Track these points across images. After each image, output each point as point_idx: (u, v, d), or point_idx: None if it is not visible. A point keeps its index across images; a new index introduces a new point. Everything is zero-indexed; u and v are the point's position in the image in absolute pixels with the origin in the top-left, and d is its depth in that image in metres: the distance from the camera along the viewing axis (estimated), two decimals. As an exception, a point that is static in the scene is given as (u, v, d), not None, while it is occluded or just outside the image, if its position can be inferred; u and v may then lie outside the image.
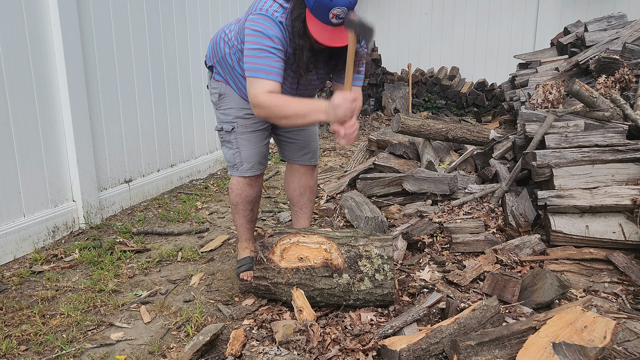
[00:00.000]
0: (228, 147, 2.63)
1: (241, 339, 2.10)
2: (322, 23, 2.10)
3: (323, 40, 2.12)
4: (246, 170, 2.62)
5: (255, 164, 2.62)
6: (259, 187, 2.71)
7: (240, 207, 2.71)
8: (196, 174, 4.72)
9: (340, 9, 2.04)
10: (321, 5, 2.04)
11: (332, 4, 2.03)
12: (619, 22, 5.01)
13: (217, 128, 2.64)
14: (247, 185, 2.66)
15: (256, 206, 2.77)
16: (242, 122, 2.55)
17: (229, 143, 2.62)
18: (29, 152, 3.09)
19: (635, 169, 2.76)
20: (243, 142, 2.58)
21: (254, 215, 2.78)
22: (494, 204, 3.21)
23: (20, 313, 2.41)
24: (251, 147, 2.59)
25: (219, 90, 2.57)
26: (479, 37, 8.78)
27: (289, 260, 2.32)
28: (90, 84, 3.49)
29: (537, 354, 1.68)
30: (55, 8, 3.12)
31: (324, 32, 2.11)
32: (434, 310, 2.19)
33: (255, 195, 2.71)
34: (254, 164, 2.62)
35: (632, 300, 2.30)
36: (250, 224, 2.78)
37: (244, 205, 2.71)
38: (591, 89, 3.27)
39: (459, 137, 4.24)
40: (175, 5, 4.31)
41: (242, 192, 2.67)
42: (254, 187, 2.68)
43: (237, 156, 2.60)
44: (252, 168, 2.62)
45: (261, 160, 2.65)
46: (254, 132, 2.58)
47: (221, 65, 2.53)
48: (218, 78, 2.57)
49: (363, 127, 7.49)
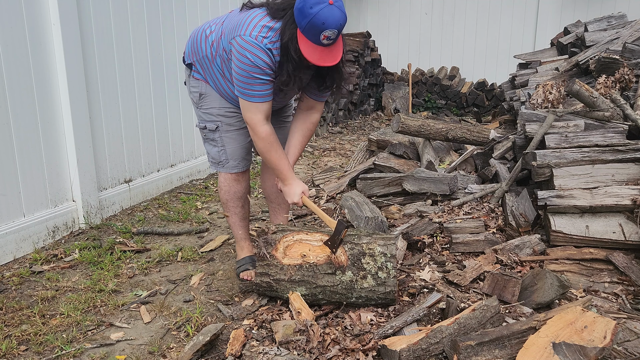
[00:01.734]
0: (212, 144, 2.65)
1: (241, 339, 2.10)
2: (312, 43, 2.17)
3: (313, 60, 2.19)
4: (232, 167, 2.66)
5: (240, 160, 2.66)
6: (246, 183, 2.74)
7: (230, 205, 2.73)
8: (196, 174, 4.72)
9: (332, 31, 2.13)
10: (313, 27, 2.11)
11: (324, 27, 2.11)
12: (619, 22, 5.01)
13: (199, 126, 2.67)
14: (235, 181, 2.69)
15: (246, 203, 2.78)
16: (226, 121, 2.58)
17: (212, 141, 2.64)
18: (29, 152, 3.09)
19: (635, 169, 2.76)
20: (228, 140, 2.62)
21: (245, 213, 2.79)
22: (494, 204, 3.21)
23: (20, 313, 2.41)
24: (236, 144, 2.63)
25: (199, 90, 2.59)
26: (479, 37, 8.78)
27: (292, 257, 2.33)
28: (90, 84, 3.49)
29: (537, 354, 1.68)
30: (55, 8, 3.12)
31: (315, 52, 2.18)
32: (434, 310, 2.19)
33: (244, 191, 2.74)
34: (240, 161, 2.66)
35: (632, 300, 2.30)
36: (243, 221, 2.79)
37: (234, 202, 2.73)
38: (591, 89, 3.27)
39: (459, 137, 4.24)
40: (175, 5, 4.31)
41: (230, 188, 2.70)
42: (242, 183, 2.72)
43: (222, 154, 2.64)
44: (238, 165, 2.67)
45: (246, 156, 2.68)
46: (239, 129, 2.61)
47: (201, 64, 2.54)
48: (197, 77, 2.58)
49: (363, 127, 7.49)
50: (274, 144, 2.41)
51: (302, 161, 5.56)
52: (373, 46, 8.30)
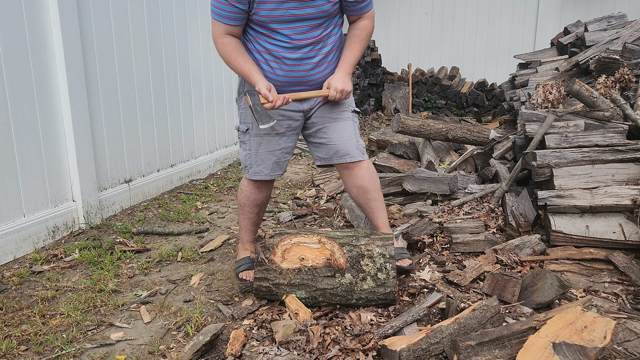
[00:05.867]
0: (243, 147, 2.61)
1: (241, 339, 2.10)
2: None
3: None
4: (255, 173, 2.59)
5: (264, 168, 2.58)
6: (267, 192, 2.69)
7: (246, 209, 2.70)
8: (196, 174, 4.72)
9: None
10: None
11: None
12: (619, 22, 5.01)
13: (235, 127, 2.65)
14: (256, 188, 2.64)
15: (262, 210, 2.75)
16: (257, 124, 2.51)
17: (243, 143, 2.61)
18: (29, 152, 3.09)
19: (635, 169, 2.76)
20: (255, 145, 2.55)
21: (258, 219, 2.76)
22: (494, 204, 3.21)
23: (20, 313, 2.41)
24: (262, 150, 2.55)
25: (240, 88, 2.57)
26: (479, 37, 8.78)
27: (291, 260, 2.32)
28: (90, 84, 3.49)
29: (537, 354, 1.68)
30: (55, 8, 3.12)
31: None
32: (434, 310, 2.19)
33: (263, 200, 2.69)
34: (263, 169, 2.58)
35: (632, 300, 2.30)
36: (253, 227, 2.76)
37: (250, 208, 2.69)
38: (591, 89, 3.27)
39: (459, 137, 4.24)
40: (175, 5, 4.31)
41: (250, 194, 2.66)
42: (262, 192, 2.66)
43: (248, 158, 2.59)
44: (261, 172, 2.58)
45: (273, 167, 2.58)
46: (268, 135, 2.52)
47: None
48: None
49: (363, 127, 7.49)
50: (233, 52, 2.37)
51: (302, 161, 5.56)
52: (373, 46, 8.30)
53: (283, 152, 2.58)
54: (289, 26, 2.33)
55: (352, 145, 2.56)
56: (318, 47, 2.42)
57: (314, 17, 2.33)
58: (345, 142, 2.55)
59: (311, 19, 2.34)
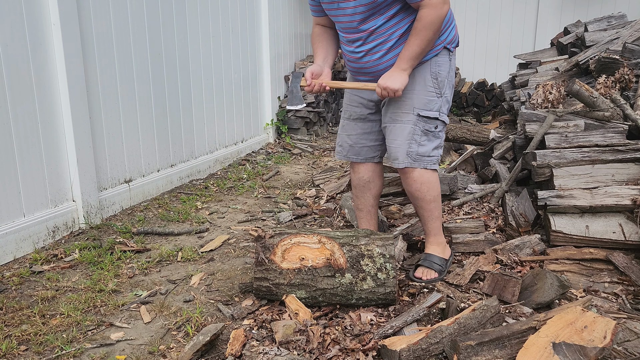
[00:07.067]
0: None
1: (241, 339, 2.10)
2: None
3: None
4: (337, 152, 2.81)
5: (342, 149, 2.77)
6: (360, 175, 2.76)
7: (352, 190, 2.86)
8: (196, 174, 4.72)
9: None
10: None
11: None
12: (619, 22, 5.01)
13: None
14: (351, 168, 2.82)
15: (363, 194, 2.79)
16: (344, 107, 2.75)
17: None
18: (29, 152, 3.09)
19: (635, 169, 2.76)
20: (340, 126, 2.78)
21: (359, 204, 2.83)
22: (494, 204, 3.21)
23: (20, 313, 2.41)
24: (343, 132, 2.76)
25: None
26: (478, 37, 8.78)
27: (291, 260, 2.32)
28: (90, 84, 3.49)
29: (537, 354, 1.68)
30: (55, 8, 3.12)
31: None
32: (434, 310, 2.19)
33: (357, 182, 2.79)
34: (342, 149, 2.77)
35: (632, 300, 2.30)
36: (358, 211, 2.86)
37: (353, 191, 2.85)
38: (591, 89, 3.27)
39: (459, 137, 4.24)
40: (175, 5, 4.31)
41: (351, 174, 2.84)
42: (356, 173, 2.79)
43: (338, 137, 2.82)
44: (341, 152, 2.78)
45: (349, 150, 2.74)
46: (349, 119, 2.72)
47: None
48: None
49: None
50: (314, 37, 2.66)
51: (302, 161, 5.56)
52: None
53: (359, 137, 2.70)
54: (340, 20, 2.46)
55: (403, 150, 2.48)
56: (371, 40, 2.41)
57: (359, 11, 2.33)
58: (397, 145, 2.50)
59: (357, 13, 2.35)
